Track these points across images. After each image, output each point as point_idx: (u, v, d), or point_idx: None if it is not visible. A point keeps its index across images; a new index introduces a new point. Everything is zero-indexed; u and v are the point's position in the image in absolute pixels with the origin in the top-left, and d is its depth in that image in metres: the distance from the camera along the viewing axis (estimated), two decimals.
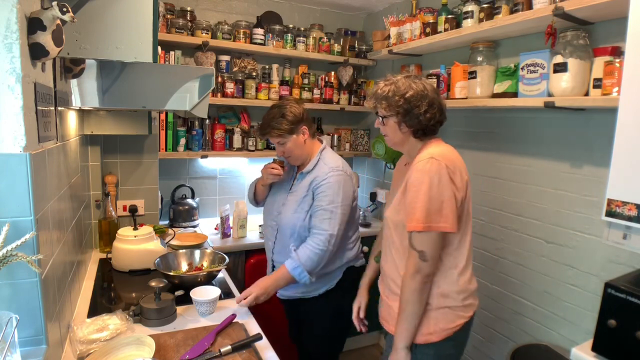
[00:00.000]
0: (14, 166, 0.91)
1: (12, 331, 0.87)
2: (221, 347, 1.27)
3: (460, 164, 1.38)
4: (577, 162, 1.76)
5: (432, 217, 1.28)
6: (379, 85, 1.44)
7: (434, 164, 1.30)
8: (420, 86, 1.39)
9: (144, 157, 2.38)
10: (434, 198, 1.28)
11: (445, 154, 1.35)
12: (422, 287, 1.33)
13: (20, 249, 0.87)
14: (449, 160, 1.33)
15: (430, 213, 1.28)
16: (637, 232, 1.19)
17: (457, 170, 1.33)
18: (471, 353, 2.30)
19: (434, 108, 1.38)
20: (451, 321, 1.39)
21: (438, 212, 1.29)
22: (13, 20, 0.86)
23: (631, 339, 1.14)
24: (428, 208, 1.28)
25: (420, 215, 1.29)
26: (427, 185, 1.28)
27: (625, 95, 1.19)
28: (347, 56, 3.01)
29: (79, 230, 1.70)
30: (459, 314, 1.40)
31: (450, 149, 1.42)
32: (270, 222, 1.89)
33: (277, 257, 1.86)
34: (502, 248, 2.11)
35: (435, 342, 1.38)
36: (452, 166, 1.32)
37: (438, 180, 1.29)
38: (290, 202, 1.81)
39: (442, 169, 1.29)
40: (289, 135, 1.74)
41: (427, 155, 1.33)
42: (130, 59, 1.30)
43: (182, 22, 2.51)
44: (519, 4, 1.79)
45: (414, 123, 1.39)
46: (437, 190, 1.28)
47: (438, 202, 1.29)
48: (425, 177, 1.29)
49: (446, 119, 1.45)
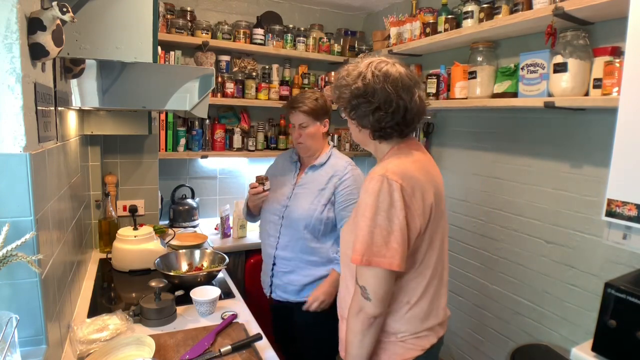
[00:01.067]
0: (14, 166, 0.91)
1: (12, 331, 0.87)
2: (221, 347, 1.27)
3: (427, 180, 1.12)
4: (577, 162, 1.76)
5: (375, 250, 1.04)
6: (344, 68, 1.19)
7: (385, 185, 1.05)
8: (379, 78, 1.10)
9: (144, 157, 2.38)
10: (379, 226, 1.04)
11: (403, 170, 1.08)
12: (367, 328, 1.09)
13: (20, 249, 0.87)
14: (406, 178, 1.07)
15: (373, 245, 1.04)
16: (637, 232, 1.19)
17: (416, 192, 1.08)
18: (471, 353, 2.30)
19: (390, 106, 1.10)
20: (397, 354, 1.17)
21: (384, 245, 1.04)
22: (13, 20, 0.86)
23: (631, 339, 1.14)
24: (371, 239, 1.05)
25: (361, 247, 1.05)
26: (372, 210, 1.05)
27: (625, 95, 1.19)
28: (347, 56, 3.01)
29: (79, 230, 1.70)
30: (407, 346, 1.17)
31: (417, 159, 1.15)
32: (272, 217, 1.85)
33: (282, 252, 1.80)
34: (502, 248, 2.11)
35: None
36: (409, 187, 1.07)
37: (388, 204, 1.04)
38: (303, 195, 1.79)
39: (394, 191, 1.04)
40: (314, 121, 1.77)
41: (380, 171, 1.08)
42: (130, 59, 1.30)
43: (182, 22, 2.51)
44: (519, 4, 1.79)
45: (365, 123, 1.15)
46: (385, 217, 1.04)
47: (385, 231, 1.04)
48: (371, 200, 1.05)
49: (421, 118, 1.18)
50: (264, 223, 1.94)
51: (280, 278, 1.83)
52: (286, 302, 1.84)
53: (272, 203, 1.86)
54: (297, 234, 1.77)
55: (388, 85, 1.10)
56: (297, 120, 1.77)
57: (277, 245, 1.82)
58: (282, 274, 1.82)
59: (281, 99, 2.84)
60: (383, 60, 1.16)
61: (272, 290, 1.87)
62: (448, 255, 1.30)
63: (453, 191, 2.39)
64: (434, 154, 2.52)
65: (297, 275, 1.79)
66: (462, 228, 2.34)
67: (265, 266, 1.92)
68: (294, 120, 1.79)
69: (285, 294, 1.83)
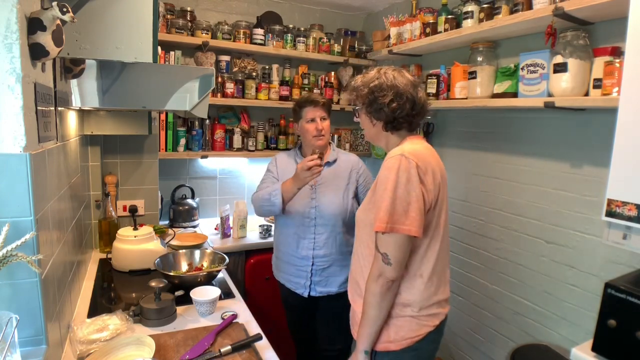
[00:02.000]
0: (14, 166, 0.91)
1: (12, 331, 0.87)
2: (221, 347, 1.27)
3: (436, 164, 1.30)
4: (577, 162, 1.76)
5: (396, 218, 1.20)
6: (356, 78, 1.41)
7: (403, 162, 1.21)
8: (390, 77, 1.32)
9: (144, 157, 2.38)
10: (400, 198, 1.20)
11: (418, 152, 1.26)
12: (385, 291, 1.24)
13: (20, 249, 0.87)
14: (421, 158, 1.24)
15: (394, 214, 1.20)
16: (637, 232, 1.19)
17: (429, 171, 1.25)
18: (471, 353, 2.30)
19: (401, 99, 1.30)
20: (413, 330, 1.31)
21: (404, 214, 1.20)
22: (13, 20, 0.86)
23: (631, 339, 1.14)
24: (393, 208, 1.20)
25: (384, 216, 1.20)
26: (393, 184, 1.21)
27: (625, 95, 1.19)
28: (347, 56, 3.01)
29: (79, 230, 1.70)
30: (422, 323, 1.31)
31: (427, 147, 1.35)
32: (302, 220, 1.90)
33: (321, 251, 1.89)
34: (502, 248, 2.11)
35: (395, 351, 1.31)
36: (423, 165, 1.23)
37: (406, 179, 1.20)
38: (329, 192, 1.89)
39: (411, 168, 1.21)
40: (329, 116, 1.94)
41: (398, 152, 1.25)
42: (130, 59, 1.30)
43: (182, 22, 2.51)
44: (519, 4, 1.79)
45: (381, 115, 1.33)
46: (405, 189, 1.20)
47: (404, 202, 1.20)
48: (392, 175, 1.21)
49: (424, 114, 1.38)
50: (289, 228, 1.94)
51: (319, 275, 1.92)
52: (327, 295, 1.93)
53: (296, 206, 1.89)
54: (334, 230, 1.88)
55: (398, 82, 1.31)
56: (319, 113, 1.90)
57: (314, 245, 1.89)
58: (321, 270, 1.92)
59: (281, 99, 2.84)
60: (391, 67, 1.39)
61: (310, 289, 1.93)
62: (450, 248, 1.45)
63: (453, 191, 2.39)
64: None
65: (336, 266, 1.91)
66: (462, 228, 2.34)
67: (298, 268, 1.94)
68: (316, 114, 1.90)
69: (326, 288, 1.93)
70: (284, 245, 1.98)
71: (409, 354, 1.32)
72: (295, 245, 1.92)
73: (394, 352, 1.31)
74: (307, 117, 1.90)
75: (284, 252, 1.98)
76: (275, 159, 2.07)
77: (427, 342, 1.34)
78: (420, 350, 1.33)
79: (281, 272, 2.03)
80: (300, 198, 1.88)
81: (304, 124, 1.91)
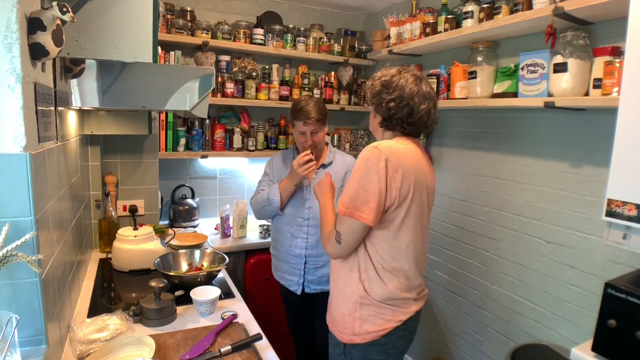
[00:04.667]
0: (14, 166, 0.91)
1: (12, 331, 0.87)
2: (221, 347, 1.27)
3: (412, 165, 1.31)
4: (577, 162, 1.76)
5: (357, 205, 1.27)
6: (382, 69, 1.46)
7: (374, 153, 1.26)
8: (403, 80, 1.35)
9: (144, 157, 2.38)
10: (363, 187, 1.26)
11: (394, 149, 1.29)
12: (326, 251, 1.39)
13: (20, 249, 0.87)
14: (395, 155, 1.27)
15: (356, 200, 1.27)
16: (637, 232, 1.19)
17: (400, 168, 1.27)
18: (471, 353, 2.30)
19: (401, 103, 1.33)
20: (377, 325, 1.35)
21: (364, 202, 1.26)
22: (13, 20, 0.86)
23: (631, 339, 1.14)
24: (356, 195, 1.27)
25: (346, 200, 1.29)
26: (360, 172, 1.28)
27: (625, 95, 1.19)
28: (347, 56, 3.01)
29: (79, 230, 1.70)
30: (386, 318, 1.35)
31: (412, 149, 1.35)
32: (295, 220, 1.95)
33: (313, 250, 1.93)
34: (502, 248, 2.11)
35: (360, 344, 1.36)
36: (395, 162, 1.26)
37: (374, 170, 1.25)
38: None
39: (380, 161, 1.25)
40: (322, 125, 1.92)
41: (374, 144, 1.30)
42: (130, 59, 1.30)
43: (182, 22, 2.51)
44: (519, 4, 1.79)
45: (379, 109, 1.38)
46: (369, 179, 1.26)
47: (367, 192, 1.26)
48: (361, 164, 1.28)
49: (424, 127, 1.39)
50: (284, 226, 1.98)
51: (313, 273, 1.96)
52: (321, 292, 1.96)
53: (291, 206, 1.94)
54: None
55: (407, 88, 1.34)
56: (308, 129, 1.88)
57: (306, 245, 1.93)
58: (315, 269, 1.95)
59: (281, 99, 2.85)
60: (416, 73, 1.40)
61: (304, 286, 1.98)
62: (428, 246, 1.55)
63: (453, 191, 2.39)
64: (434, 154, 2.52)
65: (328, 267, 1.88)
66: (462, 228, 2.34)
67: (291, 266, 1.99)
68: (306, 129, 1.89)
69: (320, 286, 1.95)
70: (280, 243, 2.02)
71: (375, 348, 1.36)
72: (289, 244, 1.97)
73: (359, 345, 1.37)
74: (298, 129, 1.92)
75: (280, 250, 2.03)
76: (272, 159, 2.10)
77: (393, 337, 1.37)
78: (387, 345, 1.37)
79: (277, 270, 2.09)
80: (296, 198, 1.93)
81: (296, 133, 1.96)
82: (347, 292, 1.39)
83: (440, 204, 2.46)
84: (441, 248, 2.48)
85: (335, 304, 1.44)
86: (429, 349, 2.59)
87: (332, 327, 1.47)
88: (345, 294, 1.40)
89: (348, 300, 1.38)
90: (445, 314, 2.47)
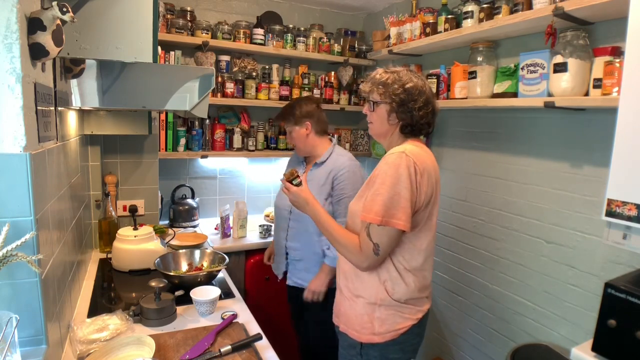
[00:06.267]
0: (14, 166, 0.91)
1: (12, 331, 0.87)
2: (221, 347, 1.27)
3: (432, 167, 1.35)
4: (577, 162, 1.76)
5: (392, 213, 1.26)
6: (378, 71, 1.42)
7: (404, 159, 1.26)
8: (421, 82, 1.37)
9: (144, 157, 2.38)
10: (398, 194, 1.26)
11: (418, 154, 1.31)
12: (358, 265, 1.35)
13: (20, 249, 0.87)
14: (419, 160, 1.29)
15: (391, 208, 1.26)
16: (637, 232, 1.19)
17: (425, 172, 1.30)
18: (471, 353, 2.30)
19: (428, 107, 1.37)
20: (397, 323, 1.36)
21: (400, 209, 1.26)
22: (13, 20, 0.86)
23: (631, 339, 1.14)
24: (390, 203, 1.26)
25: (380, 209, 1.26)
26: (392, 179, 1.26)
27: (625, 95, 1.19)
28: (347, 56, 3.01)
29: (79, 230, 1.70)
30: (405, 317, 1.37)
31: (426, 150, 1.39)
32: (283, 212, 2.04)
33: (292, 243, 2.01)
34: (502, 248, 2.11)
35: (379, 343, 1.36)
36: (421, 166, 1.29)
37: (406, 176, 1.25)
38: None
39: (410, 166, 1.26)
40: (294, 126, 1.98)
41: (400, 150, 1.30)
42: (130, 59, 1.30)
43: (182, 22, 2.51)
44: (519, 4, 1.79)
45: (406, 116, 1.36)
46: (402, 186, 1.25)
47: (401, 198, 1.26)
48: (392, 171, 1.27)
49: (435, 124, 1.43)
50: (277, 218, 2.14)
51: (294, 266, 2.03)
52: (300, 287, 2.01)
53: (283, 199, 2.02)
54: (302, 226, 1.95)
55: (427, 90, 1.37)
56: (287, 129, 2.04)
57: (287, 236, 2.02)
58: (295, 262, 2.02)
59: (281, 99, 2.84)
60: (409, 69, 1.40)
61: (287, 278, 2.06)
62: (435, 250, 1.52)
63: (453, 191, 2.39)
64: (434, 154, 2.50)
65: (306, 263, 1.98)
66: (462, 228, 2.34)
67: (278, 256, 2.12)
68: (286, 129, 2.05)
69: (300, 280, 2.01)
70: (274, 233, 2.20)
71: (393, 347, 1.37)
72: (277, 233, 2.12)
73: (378, 345, 1.37)
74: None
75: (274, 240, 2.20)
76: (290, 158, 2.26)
77: (410, 335, 1.39)
78: (404, 343, 1.38)
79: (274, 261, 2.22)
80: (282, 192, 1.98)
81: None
82: (365, 293, 1.38)
83: (441, 204, 2.46)
84: (441, 248, 2.48)
85: (350, 304, 1.43)
86: (429, 348, 2.59)
87: (345, 328, 1.45)
88: (362, 295, 1.39)
89: (366, 300, 1.38)
90: (446, 314, 2.47)
